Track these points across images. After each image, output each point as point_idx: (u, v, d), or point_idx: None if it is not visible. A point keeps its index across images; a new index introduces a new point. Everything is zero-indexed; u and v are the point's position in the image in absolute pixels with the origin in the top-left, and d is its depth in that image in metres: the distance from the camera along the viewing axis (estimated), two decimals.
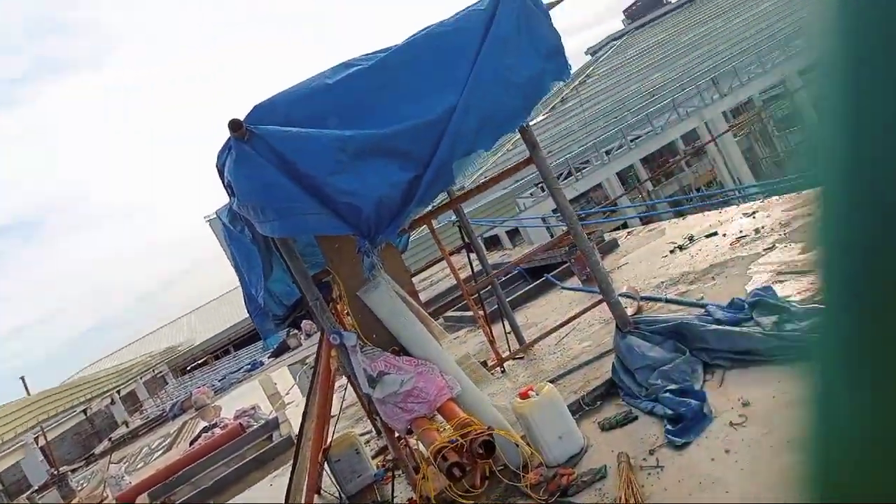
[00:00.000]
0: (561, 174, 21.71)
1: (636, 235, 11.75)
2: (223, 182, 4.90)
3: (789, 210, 8.21)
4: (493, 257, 19.48)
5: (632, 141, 22.82)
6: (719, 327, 5.05)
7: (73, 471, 27.91)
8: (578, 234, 5.56)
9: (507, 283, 13.79)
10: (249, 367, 28.64)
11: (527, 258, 14.02)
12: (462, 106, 4.44)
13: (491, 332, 8.59)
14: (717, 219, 9.68)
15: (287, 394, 16.76)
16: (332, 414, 6.82)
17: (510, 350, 8.49)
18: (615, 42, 48.55)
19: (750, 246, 7.69)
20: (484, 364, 8.30)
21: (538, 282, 11.49)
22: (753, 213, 8.97)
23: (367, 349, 5.00)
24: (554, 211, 27.11)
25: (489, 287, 9.00)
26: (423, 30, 4.64)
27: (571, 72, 4.67)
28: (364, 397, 5.19)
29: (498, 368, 8.07)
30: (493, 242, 21.75)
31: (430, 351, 5.03)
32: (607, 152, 22.63)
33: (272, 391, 17.93)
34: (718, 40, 29.24)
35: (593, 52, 57.28)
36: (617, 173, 26.13)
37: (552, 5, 4.79)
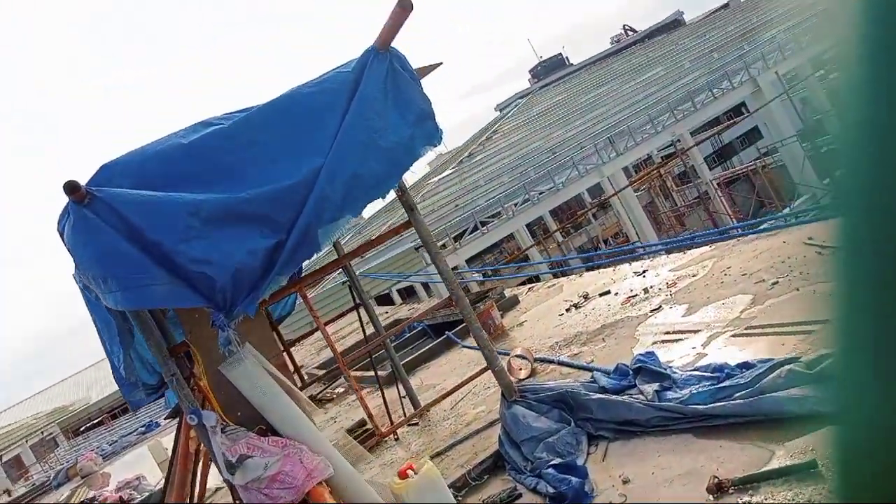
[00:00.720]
0: (466, 229, 21.84)
1: (536, 292, 11.76)
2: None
3: (676, 270, 8.37)
4: (402, 311, 19.16)
5: (538, 195, 23.33)
6: (603, 396, 4.92)
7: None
8: (459, 299, 5.36)
9: (413, 339, 13.48)
10: (143, 428, 26.70)
11: (427, 314, 13.83)
12: (328, 169, 4.19)
13: (384, 396, 8.22)
14: (611, 276, 9.79)
15: None
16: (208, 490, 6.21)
17: (405, 414, 8.14)
18: (521, 100, 50.28)
19: (639, 306, 7.74)
20: (371, 435, 7.94)
21: (440, 339, 11.23)
22: (644, 272, 9.11)
23: (230, 429, 4.53)
24: (467, 262, 27.25)
25: (383, 349, 8.67)
26: (287, 92, 4.40)
27: (443, 136, 4.53)
28: (226, 482, 4.70)
29: (392, 435, 7.70)
30: (408, 293, 21.46)
31: (299, 429, 4.62)
32: (516, 204, 23.01)
33: (163, 458, 16.64)
34: (613, 102, 30.75)
35: (501, 108, 59.07)
36: (526, 225, 26.72)
37: (424, 72, 4.67)
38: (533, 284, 12.32)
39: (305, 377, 14.94)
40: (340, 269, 8.15)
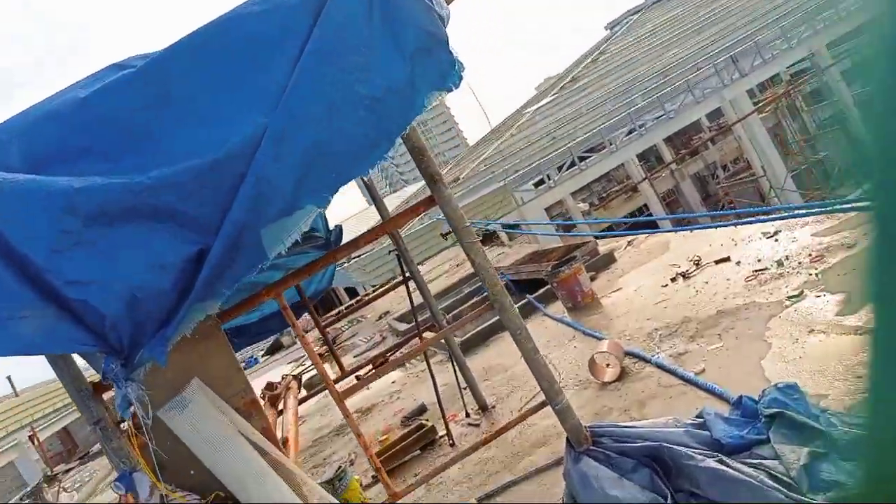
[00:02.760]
0: (564, 164, 19.70)
1: (637, 248, 9.87)
2: None
3: (821, 235, 6.30)
4: (488, 256, 17.68)
5: (644, 126, 20.67)
6: (718, 467, 3.25)
7: (68, 471, 26.99)
8: (504, 309, 3.77)
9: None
10: (243, 364, 27.20)
11: (514, 267, 12.26)
12: (273, 134, 2.66)
13: (457, 375, 6.87)
14: (731, 237, 7.78)
15: None
16: None
17: (466, 410, 6.77)
18: (633, 17, 45.88)
19: (770, 286, 5.82)
20: (432, 430, 6.64)
21: (521, 303, 9.68)
22: (775, 233, 7.06)
23: (173, 501, 3.29)
24: (572, 195, 25.06)
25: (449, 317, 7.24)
26: (219, 17, 2.85)
27: (463, 73, 2.85)
28: None
29: (446, 440, 6.38)
30: (489, 238, 19.95)
31: (267, 495, 3.31)
32: (631, 131, 20.40)
33: None
34: (740, 14, 26.69)
35: (611, 27, 54.70)
36: (637, 155, 24.03)
37: None
38: (633, 237, 10.42)
39: (387, 328, 13.95)
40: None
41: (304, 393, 7.26)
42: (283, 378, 6.76)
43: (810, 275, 5.58)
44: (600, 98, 25.42)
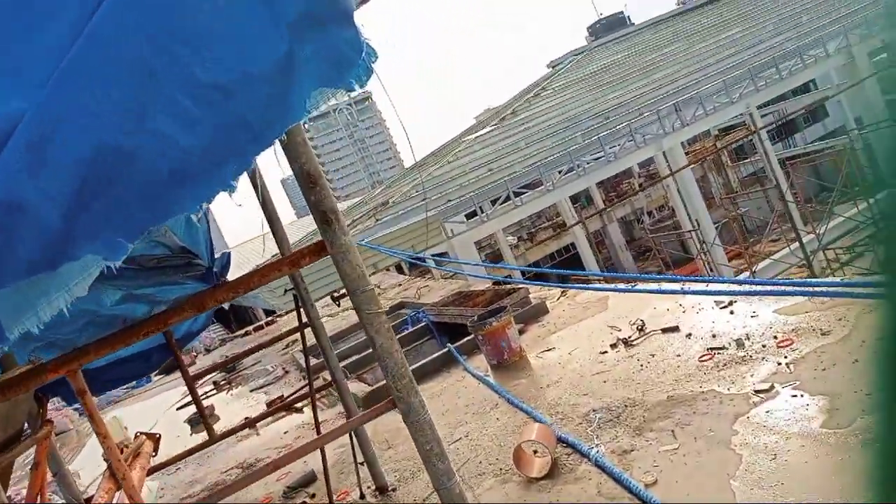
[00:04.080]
0: (500, 198, 18.91)
1: (571, 300, 9.00)
2: None
3: (787, 314, 5.53)
4: (411, 289, 16.50)
5: (583, 166, 20.21)
6: None
7: None
8: (412, 411, 2.69)
9: (411, 338, 10.89)
10: (134, 384, 24.91)
11: (437, 308, 11.19)
12: (31, 129, 1.50)
13: (352, 440, 5.68)
14: (678, 301, 6.98)
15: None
16: None
17: (360, 490, 5.60)
18: (575, 57, 46.33)
19: (730, 371, 4.97)
20: None
21: (440, 352, 8.62)
22: (730, 304, 6.29)
23: None
24: (509, 229, 24.32)
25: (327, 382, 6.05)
26: None
27: (373, 61, 1.78)
28: None
29: None
30: (413, 267, 18.86)
31: None
32: (560, 172, 19.89)
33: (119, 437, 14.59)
34: (682, 63, 26.93)
35: (554, 65, 55.28)
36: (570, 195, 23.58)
37: None
38: (567, 286, 9.57)
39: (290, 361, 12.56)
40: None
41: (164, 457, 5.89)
42: (135, 436, 5.40)
43: (779, 364, 4.75)
44: (539, 134, 24.93)
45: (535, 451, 4.76)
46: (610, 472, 4.16)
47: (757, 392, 4.47)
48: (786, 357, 4.80)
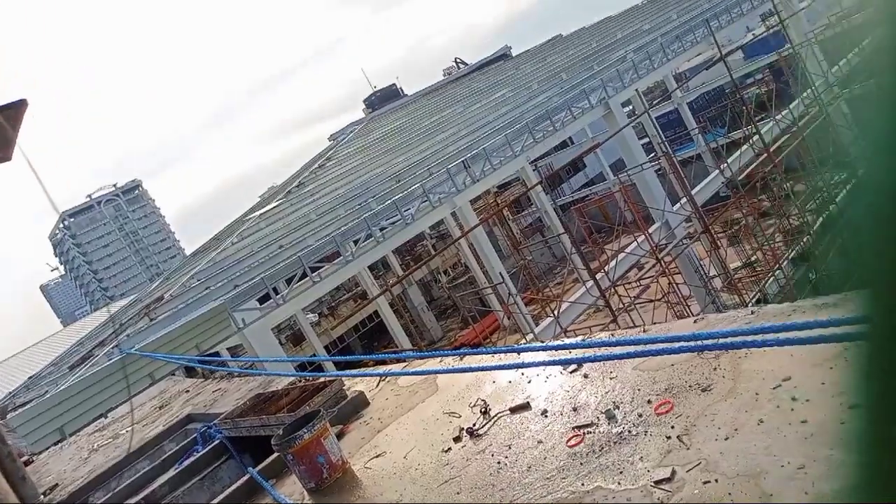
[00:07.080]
0: (295, 275, 17.25)
1: (392, 384, 7.70)
2: None
3: (650, 370, 4.72)
4: (205, 392, 14.02)
5: (381, 230, 19.36)
6: None
7: None
8: None
9: (203, 464, 8.81)
10: None
11: (231, 420, 9.19)
12: None
13: None
14: (521, 371, 5.98)
15: None
16: None
17: None
18: (356, 127, 46.50)
19: (612, 456, 3.96)
20: None
21: (240, 481, 6.81)
22: (579, 367, 5.39)
23: None
24: (310, 308, 22.38)
25: None
26: None
27: None
28: None
29: None
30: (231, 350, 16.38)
31: None
32: (356, 242, 18.83)
33: None
34: (461, 124, 27.72)
35: (335, 137, 55.27)
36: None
37: None
38: (388, 371, 8.27)
39: None
40: None
41: None
42: None
43: (668, 438, 3.83)
44: (331, 203, 23.80)
45: None
46: None
47: (657, 484, 3.47)
48: (672, 427, 3.90)
